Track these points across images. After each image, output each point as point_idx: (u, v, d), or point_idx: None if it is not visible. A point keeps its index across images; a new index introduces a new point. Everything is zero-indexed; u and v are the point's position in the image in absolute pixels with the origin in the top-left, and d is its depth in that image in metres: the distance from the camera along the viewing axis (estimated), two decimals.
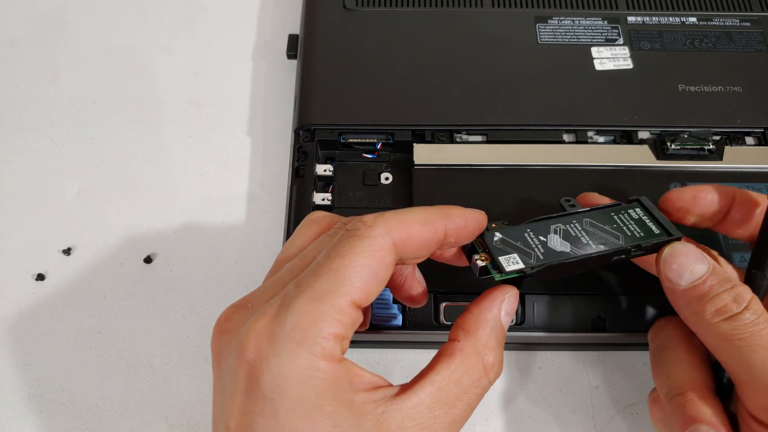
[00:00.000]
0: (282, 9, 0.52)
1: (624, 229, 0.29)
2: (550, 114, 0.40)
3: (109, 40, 0.50)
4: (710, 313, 0.26)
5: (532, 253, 0.27)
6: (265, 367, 0.21)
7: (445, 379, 0.24)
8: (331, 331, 0.22)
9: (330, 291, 0.22)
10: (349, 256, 0.23)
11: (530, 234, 0.28)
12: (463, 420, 0.24)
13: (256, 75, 0.49)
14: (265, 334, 0.22)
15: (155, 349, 0.38)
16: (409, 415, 0.23)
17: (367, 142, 0.40)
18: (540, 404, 0.36)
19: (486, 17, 0.44)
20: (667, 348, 0.30)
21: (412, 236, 0.24)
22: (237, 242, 0.41)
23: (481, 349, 0.25)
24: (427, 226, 0.25)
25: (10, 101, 0.47)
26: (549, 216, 0.29)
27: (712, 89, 0.41)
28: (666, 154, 0.38)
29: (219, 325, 0.24)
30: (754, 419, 0.26)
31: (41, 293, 0.40)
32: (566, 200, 0.31)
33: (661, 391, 0.29)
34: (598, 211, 0.30)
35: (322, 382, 0.21)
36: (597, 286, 0.34)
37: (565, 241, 0.28)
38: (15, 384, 0.37)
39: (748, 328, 0.25)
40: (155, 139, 0.46)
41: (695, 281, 0.27)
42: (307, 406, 0.21)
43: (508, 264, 0.27)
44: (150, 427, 0.36)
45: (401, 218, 0.24)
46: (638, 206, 0.30)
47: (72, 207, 0.43)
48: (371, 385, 0.23)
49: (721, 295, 0.26)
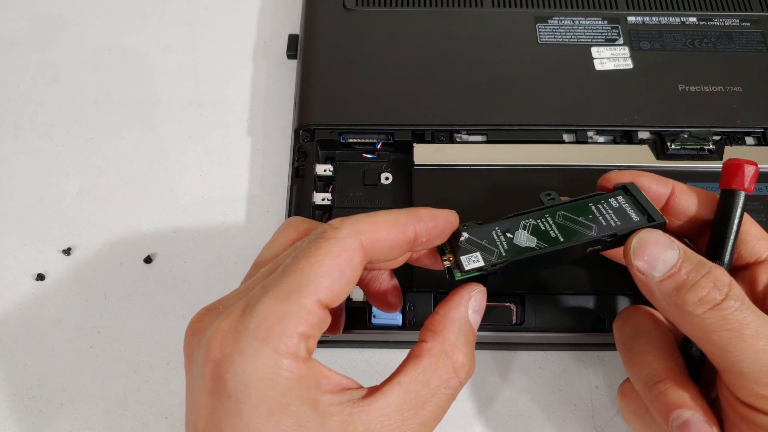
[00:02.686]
0: (282, 9, 0.52)
1: (600, 219, 0.28)
2: (550, 114, 0.40)
3: (109, 40, 0.50)
4: (692, 304, 0.25)
5: (495, 251, 0.27)
6: (229, 365, 0.21)
7: (413, 381, 0.24)
8: (297, 329, 0.22)
9: (295, 290, 0.22)
10: (315, 257, 0.23)
11: (497, 232, 0.28)
12: (434, 421, 0.24)
13: (256, 75, 0.49)
14: (230, 332, 0.22)
15: (155, 349, 0.38)
16: (376, 417, 0.22)
17: (367, 142, 0.40)
18: (540, 404, 0.36)
19: (486, 17, 0.44)
20: (638, 336, 0.29)
21: (381, 237, 0.24)
22: (237, 242, 0.41)
23: (449, 349, 0.25)
24: (396, 227, 0.25)
25: (10, 101, 0.47)
26: (523, 212, 0.29)
27: (712, 89, 0.41)
28: (666, 154, 0.38)
29: (190, 326, 0.25)
30: (745, 405, 0.25)
31: (41, 293, 0.40)
32: (546, 194, 0.30)
33: (637, 381, 0.28)
34: (575, 203, 0.29)
35: (286, 380, 0.21)
36: (597, 286, 0.34)
37: (532, 237, 0.27)
38: (15, 384, 0.37)
39: (735, 317, 0.25)
40: (155, 139, 0.46)
41: (670, 270, 0.26)
42: (270, 405, 0.21)
43: (468, 263, 0.27)
44: (150, 427, 0.36)
45: (369, 220, 0.25)
46: (621, 194, 0.29)
47: (72, 207, 0.43)
48: (339, 386, 0.23)
49: (700, 283, 0.25)
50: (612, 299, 0.34)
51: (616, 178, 0.30)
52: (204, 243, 0.41)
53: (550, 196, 0.30)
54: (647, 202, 0.28)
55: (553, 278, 0.35)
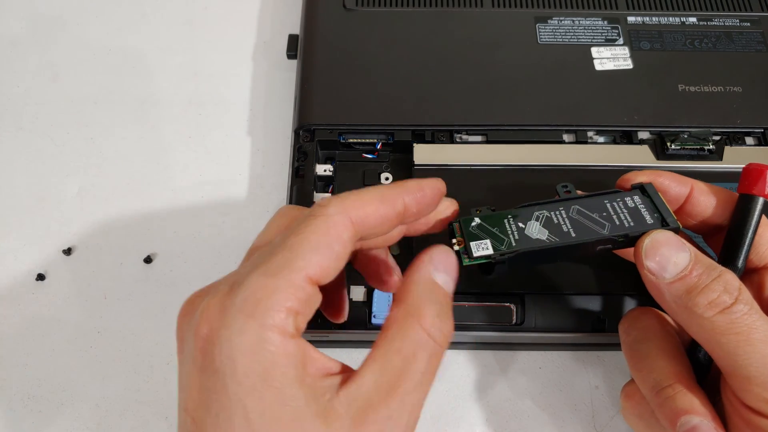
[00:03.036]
0: (282, 9, 0.52)
1: (614, 217, 0.28)
2: (550, 114, 0.40)
3: (109, 40, 0.50)
4: (702, 307, 0.25)
5: (505, 240, 0.27)
6: (216, 340, 0.21)
7: (386, 353, 0.23)
8: (285, 304, 0.21)
9: (284, 266, 0.22)
10: (304, 234, 0.23)
11: (510, 220, 0.28)
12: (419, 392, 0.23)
13: (256, 75, 0.49)
14: (217, 309, 0.22)
15: (155, 349, 0.38)
16: (354, 398, 0.22)
17: (367, 142, 0.40)
18: (540, 404, 0.36)
19: (486, 17, 0.44)
20: (646, 340, 0.29)
21: (369, 213, 0.24)
22: (237, 242, 0.41)
23: (413, 311, 0.23)
24: (384, 201, 0.25)
25: (10, 101, 0.47)
26: (538, 202, 0.28)
27: (712, 89, 0.41)
28: (666, 154, 0.38)
29: (182, 310, 0.24)
30: (750, 410, 0.25)
31: (41, 293, 0.40)
32: (563, 186, 0.30)
33: (643, 384, 0.28)
34: (591, 198, 0.29)
35: (272, 355, 0.21)
36: (597, 286, 0.34)
37: (543, 229, 0.27)
38: (15, 384, 0.37)
39: (744, 320, 0.25)
40: (155, 139, 0.46)
41: (681, 273, 0.26)
42: (254, 380, 0.21)
43: (477, 249, 0.27)
44: (150, 427, 0.36)
45: (357, 196, 0.24)
46: (638, 194, 0.29)
47: (72, 207, 0.43)
48: (325, 369, 0.23)
49: (711, 286, 0.25)
50: (612, 299, 0.34)
51: (635, 177, 0.30)
52: (204, 243, 0.41)
53: (567, 188, 0.30)
54: (663, 205, 0.28)
55: (553, 278, 0.35)
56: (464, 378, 0.37)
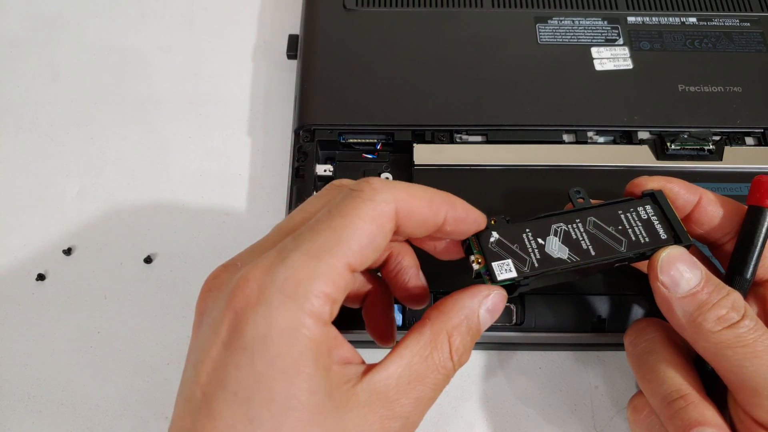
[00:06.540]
0: (282, 9, 0.52)
1: (629, 232, 0.28)
2: (550, 114, 0.40)
3: (109, 40, 0.50)
4: (712, 322, 0.26)
5: (527, 260, 0.26)
6: (251, 315, 0.21)
7: (414, 355, 0.23)
8: (324, 290, 0.21)
9: (327, 249, 0.22)
10: (350, 217, 0.22)
11: (529, 235, 0.27)
12: (431, 400, 0.24)
13: (256, 75, 0.49)
14: (257, 283, 0.21)
15: (155, 349, 0.38)
16: (376, 388, 0.22)
17: (367, 142, 0.40)
18: (540, 404, 0.36)
19: (486, 17, 0.44)
20: (654, 351, 0.29)
21: (415, 210, 0.24)
22: (237, 242, 0.41)
23: (450, 330, 0.24)
24: (431, 205, 0.25)
25: (10, 101, 0.47)
26: (553, 213, 0.28)
27: (712, 89, 0.41)
28: (666, 155, 0.38)
29: (207, 284, 0.24)
30: (758, 424, 0.26)
31: (41, 293, 0.40)
32: (576, 192, 0.29)
33: (653, 396, 0.28)
34: (605, 208, 0.29)
35: (306, 340, 0.21)
36: (597, 286, 0.34)
37: (563, 246, 0.27)
38: (15, 384, 0.37)
39: (750, 334, 0.25)
40: (155, 139, 0.46)
41: (693, 289, 0.27)
42: (285, 363, 0.20)
43: (500, 272, 0.26)
44: (150, 427, 0.36)
45: (408, 190, 0.24)
46: (649, 203, 0.29)
47: (72, 207, 0.43)
48: (346, 358, 0.23)
49: (720, 303, 0.26)
50: (612, 300, 0.34)
51: (645, 183, 0.30)
52: (204, 243, 0.41)
53: (580, 195, 0.29)
54: (675, 219, 0.28)
55: None
56: (464, 378, 0.37)
